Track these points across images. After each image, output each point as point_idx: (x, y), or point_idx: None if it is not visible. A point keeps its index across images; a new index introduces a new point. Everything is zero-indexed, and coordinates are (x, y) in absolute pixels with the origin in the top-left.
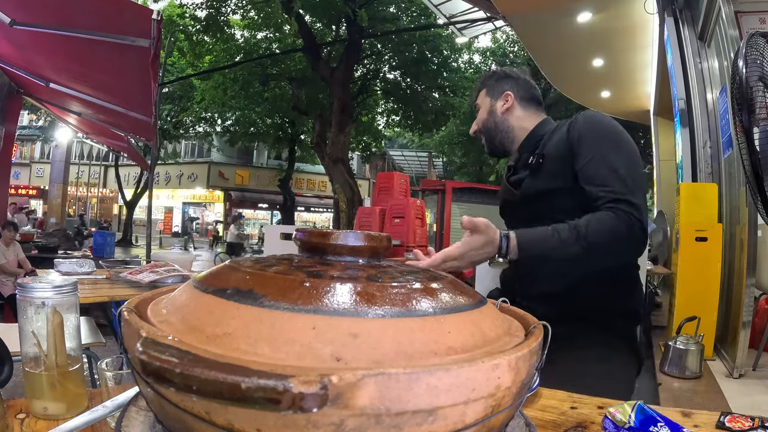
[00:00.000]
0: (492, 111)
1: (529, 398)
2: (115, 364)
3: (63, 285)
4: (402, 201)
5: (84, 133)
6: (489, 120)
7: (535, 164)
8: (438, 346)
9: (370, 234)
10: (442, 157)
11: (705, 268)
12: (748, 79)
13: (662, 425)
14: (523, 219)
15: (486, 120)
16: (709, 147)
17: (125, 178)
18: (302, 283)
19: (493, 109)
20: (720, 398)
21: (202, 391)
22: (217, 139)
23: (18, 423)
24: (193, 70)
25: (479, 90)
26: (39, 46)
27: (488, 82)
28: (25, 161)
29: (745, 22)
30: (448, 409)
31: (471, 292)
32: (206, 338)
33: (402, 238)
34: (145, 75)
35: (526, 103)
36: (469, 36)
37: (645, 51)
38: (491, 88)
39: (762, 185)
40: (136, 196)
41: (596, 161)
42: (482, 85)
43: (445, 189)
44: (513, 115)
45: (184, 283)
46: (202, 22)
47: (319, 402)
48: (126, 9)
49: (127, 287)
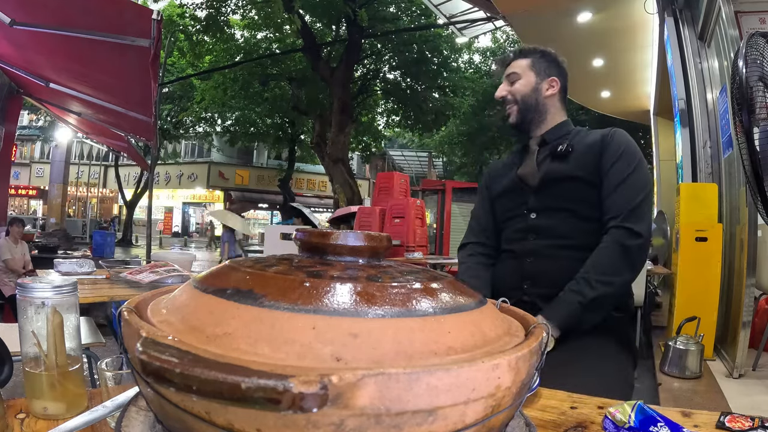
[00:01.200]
0: (537, 89)
1: (529, 398)
2: (115, 364)
3: (63, 285)
4: (402, 201)
5: (84, 133)
6: (531, 96)
7: (564, 151)
8: (438, 346)
9: (370, 234)
10: (442, 157)
11: (705, 268)
12: (748, 79)
13: (662, 425)
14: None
15: (527, 95)
16: (709, 147)
17: (125, 178)
18: (302, 283)
19: (538, 88)
20: (720, 398)
21: (202, 391)
22: (217, 139)
23: (18, 423)
24: (193, 70)
25: (521, 58)
26: (39, 46)
27: (535, 57)
28: (25, 161)
29: (745, 22)
30: (448, 409)
31: (471, 292)
32: (206, 338)
33: (402, 238)
34: (145, 75)
35: (564, 96)
36: (469, 36)
37: (645, 51)
38: (538, 65)
39: (762, 185)
40: (136, 196)
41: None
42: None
43: (445, 189)
44: (553, 102)
45: (184, 283)
46: (202, 22)
47: (319, 402)
48: (126, 9)
49: (127, 287)
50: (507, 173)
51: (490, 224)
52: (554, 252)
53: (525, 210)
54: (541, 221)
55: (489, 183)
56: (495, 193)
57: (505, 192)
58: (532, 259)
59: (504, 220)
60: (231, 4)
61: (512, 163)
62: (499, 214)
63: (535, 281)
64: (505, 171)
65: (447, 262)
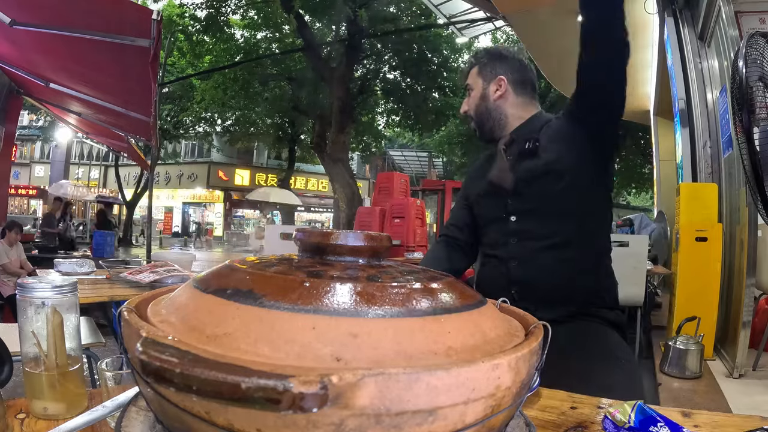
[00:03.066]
0: (485, 95)
1: (529, 398)
2: (115, 364)
3: (63, 285)
4: (402, 201)
5: (84, 133)
6: (481, 105)
7: (532, 147)
8: (438, 346)
9: (370, 234)
10: (442, 157)
11: (705, 268)
12: (748, 79)
13: (662, 425)
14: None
15: (478, 105)
16: (709, 147)
17: (125, 178)
18: (302, 283)
19: (485, 94)
20: (720, 398)
21: (202, 391)
22: (217, 139)
23: (18, 423)
24: (193, 70)
25: (472, 68)
26: (39, 46)
27: (481, 61)
28: (25, 161)
29: (745, 22)
30: (448, 409)
31: (471, 292)
32: (206, 338)
33: (402, 238)
34: (145, 75)
35: (520, 88)
36: (469, 36)
37: (645, 51)
38: (484, 70)
39: (762, 185)
40: (136, 196)
41: None
42: (475, 64)
43: (445, 189)
44: (507, 101)
45: (184, 283)
46: (202, 22)
47: (319, 402)
48: (126, 9)
49: (127, 287)
50: (483, 176)
51: (461, 220)
52: (537, 255)
53: (504, 214)
54: (521, 224)
55: (467, 186)
56: (473, 198)
57: (483, 196)
58: (516, 263)
59: (485, 224)
60: (231, 4)
61: (488, 165)
62: (480, 219)
63: (522, 288)
64: (482, 174)
65: None
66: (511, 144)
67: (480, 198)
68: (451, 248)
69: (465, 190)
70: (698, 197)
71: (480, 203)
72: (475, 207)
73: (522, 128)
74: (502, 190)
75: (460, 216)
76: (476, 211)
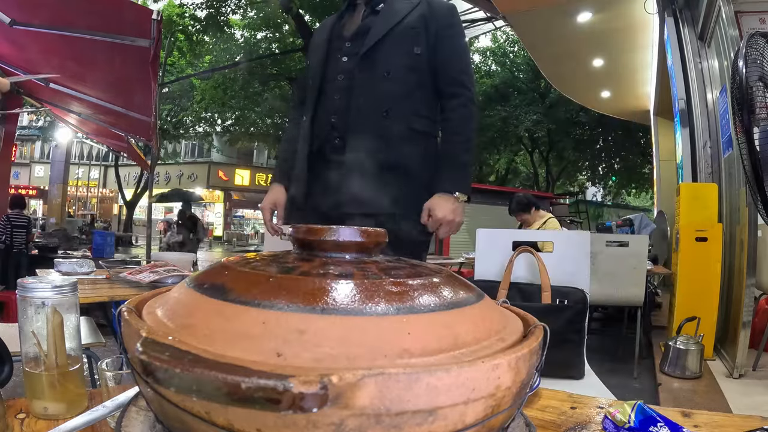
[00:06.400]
0: None
1: (529, 398)
2: (115, 364)
3: (63, 285)
4: None
5: (84, 133)
6: None
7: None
8: (438, 345)
9: (366, 230)
10: None
11: (705, 268)
12: (748, 79)
13: (662, 425)
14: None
15: None
16: (709, 147)
17: (125, 178)
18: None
19: None
20: (720, 398)
21: (202, 391)
22: (217, 139)
23: (18, 423)
24: (193, 70)
25: None
26: (39, 46)
27: None
28: (25, 161)
29: (745, 22)
30: (448, 409)
31: (470, 287)
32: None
33: None
34: (145, 75)
35: None
36: (469, 36)
37: (645, 51)
38: None
39: (762, 185)
40: (136, 196)
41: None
42: None
43: None
44: None
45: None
46: (202, 22)
47: (319, 402)
48: (126, 9)
49: (127, 287)
50: (331, 27)
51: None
52: (364, 84)
53: (339, 55)
54: (353, 64)
55: (314, 40)
56: (315, 45)
57: (326, 42)
58: (339, 96)
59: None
60: (231, 4)
61: (339, 18)
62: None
63: (342, 115)
64: (330, 24)
65: (447, 262)
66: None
67: (323, 43)
68: None
69: (312, 44)
70: (698, 197)
71: (323, 49)
72: (313, 56)
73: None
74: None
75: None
76: (317, 63)
